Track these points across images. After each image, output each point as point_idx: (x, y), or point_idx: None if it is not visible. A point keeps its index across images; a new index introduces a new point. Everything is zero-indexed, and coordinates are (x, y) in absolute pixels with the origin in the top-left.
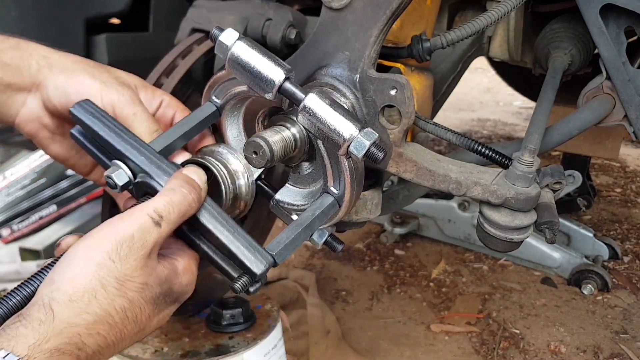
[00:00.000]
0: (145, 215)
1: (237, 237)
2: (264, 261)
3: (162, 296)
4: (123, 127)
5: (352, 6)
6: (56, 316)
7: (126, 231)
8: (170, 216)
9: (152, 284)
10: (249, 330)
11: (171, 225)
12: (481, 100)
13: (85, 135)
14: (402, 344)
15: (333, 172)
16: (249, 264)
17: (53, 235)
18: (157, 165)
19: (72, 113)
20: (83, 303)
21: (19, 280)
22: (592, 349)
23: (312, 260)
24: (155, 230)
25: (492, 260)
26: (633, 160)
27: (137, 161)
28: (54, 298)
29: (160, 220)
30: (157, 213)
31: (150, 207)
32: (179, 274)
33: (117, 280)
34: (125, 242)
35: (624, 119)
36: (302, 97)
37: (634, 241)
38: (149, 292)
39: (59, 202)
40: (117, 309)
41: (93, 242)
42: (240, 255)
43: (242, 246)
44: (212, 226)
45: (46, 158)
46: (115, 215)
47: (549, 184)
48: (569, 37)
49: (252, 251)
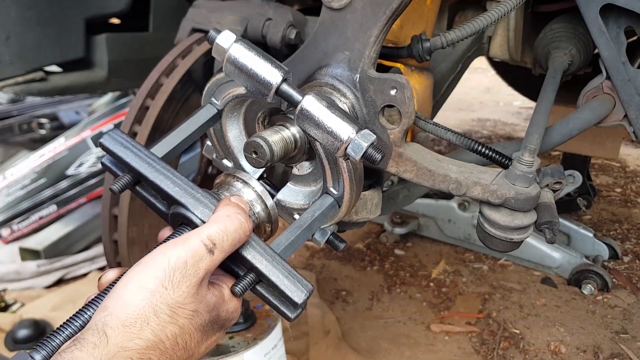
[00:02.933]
0: (199, 242)
1: (277, 267)
2: (304, 290)
3: (211, 323)
4: (154, 156)
5: (352, 6)
6: (110, 340)
7: (180, 258)
8: (224, 244)
9: (202, 312)
10: (249, 330)
11: (224, 253)
12: (481, 100)
13: (117, 165)
14: (402, 344)
15: (332, 173)
16: (290, 294)
17: (53, 235)
18: (191, 195)
19: (101, 144)
20: (136, 329)
21: (18, 280)
22: (592, 349)
23: (312, 260)
24: (208, 257)
25: (492, 260)
26: (633, 160)
27: (170, 192)
28: (107, 323)
29: (213, 248)
30: (211, 240)
31: (204, 233)
32: (226, 301)
33: (169, 307)
34: (179, 269)
35: (624, 119)
36: (299, 99)
37: (634, 241)
38: (199, 319)
39: (59, 202)
40: (168, 336)
41: (146, 269)
42: (282, 286)
43: (282, 276)
44: (252, 257)
45: (46, 158)
46: None
47: (549, 184)
48: (569, 37)
49: (292, 280)
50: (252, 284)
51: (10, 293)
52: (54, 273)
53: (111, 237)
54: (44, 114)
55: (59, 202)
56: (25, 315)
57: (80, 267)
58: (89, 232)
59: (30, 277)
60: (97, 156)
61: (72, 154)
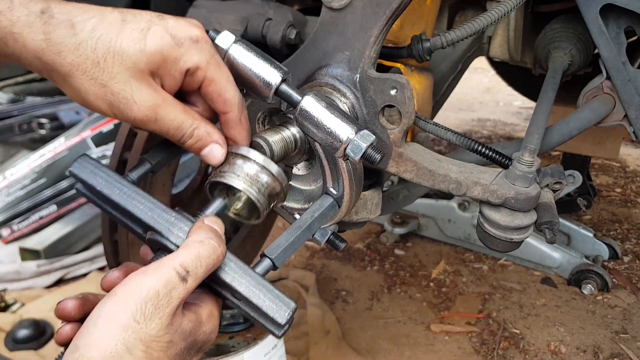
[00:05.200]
0: (171, 271)
1: (258, 288)
2: (287, 309)
3: (187, 350)
4: (125, 181)
5: (352, 6)
6: None
7: (152, 288)
8: (197, 271)
9: (177, 341)
10: (249, 330)
11: (198, 280)
12: (481, 100)
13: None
14: (402, 344)
15: (332, 173)
16: (273, 315)
17: (53, 235)
18: (165, 220)
19: (71, 172)
20: None
21: (18, 280)
22: (592, 349)
23: (312, 260)
24: (182, 286)
25: (492, 260)
26: (633, 160)
27: (143, 218)
28: None
29: (187, 276)
30: (184, 268)
31: (177, 261)
32: (203, 323)
33: (143, 342)
34: (151, 300)
35: (624, 119)
36: (298, 99)
37: (634, 241)
38: (174, 349)
39: (59, 202)
40: None
41: (117, 302)
42: (263, 307)
43: (263, 297)
44: (231, 280)
45: (46, 158)
46: None
47: (549, 184)
48: (569, 37)
49: (274, 300)
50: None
51: (10, 293)
52: (54, 273)
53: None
54: (44, 114)
55: (59, 202)
56: (25, 315)
57: (80, 267)
58: (89, 232)
59: (30, 277)
60: (97, 156)
61: (72, 154)
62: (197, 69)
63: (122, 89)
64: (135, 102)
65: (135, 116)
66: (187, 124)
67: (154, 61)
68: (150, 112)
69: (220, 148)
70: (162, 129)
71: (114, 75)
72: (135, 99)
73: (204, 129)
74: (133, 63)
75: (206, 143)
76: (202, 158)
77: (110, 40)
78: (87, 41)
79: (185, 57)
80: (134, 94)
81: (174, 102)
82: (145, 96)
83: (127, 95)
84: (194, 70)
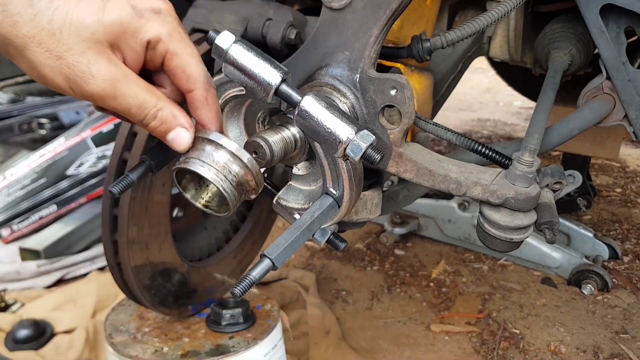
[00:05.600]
0: None
1: None
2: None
3: None
4: None
5: (352, 6)
6: None
7: None
8: None
9: None
10: (249, 330)
11: None
12: (481, 100)
13: None
14: (402, 344)
15: (331, 173)
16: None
17: (53, 235)
18: None
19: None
20: None
21: (18, 280)
22: (592, 349)
23: (312, 260)
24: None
25: (492, 260)
26: (633, 160)
27: None
28: None
29: None
30: None
31: None
32: None
33: None
34: None
35: (624, 119)
36: (298, 99)
37: (634, 241)
38: None
39: (59, 202)
40: None
41: None
42: None
43: None
44: None
45: (46, 158)
46: None
47: (549, 184)
48: (569, 37)
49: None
50: (251, 286)
51: (10, 293)
52: (54, 273)
53: (111, 237)
54: (44, 114)
55: (59, 202)
56: (25, 315)
57: (80, 267)
58: (89, 232)
59: (30, 277)
60: (97, 156)
61: (72, 154)
62: (158, 41)
63: (78, 60)
64: (92, 75)
65: (92, 91)
66: (150, 103)
67: (113, 32)
68: (108, 86)
69: (187, 132)
70: (123, 107)
71: (70, 46)
72: (92, 72)
73: (169, 110)
74: (90, 34)
75: (171, 126)
76: (168, 143)
77: (68, 10)
78: (44, 12)
79: (145, 27)
80: (91, 66)
81: (136, 78)
82: (104, 70)
83: (84, 67)
84: (155, 42)
